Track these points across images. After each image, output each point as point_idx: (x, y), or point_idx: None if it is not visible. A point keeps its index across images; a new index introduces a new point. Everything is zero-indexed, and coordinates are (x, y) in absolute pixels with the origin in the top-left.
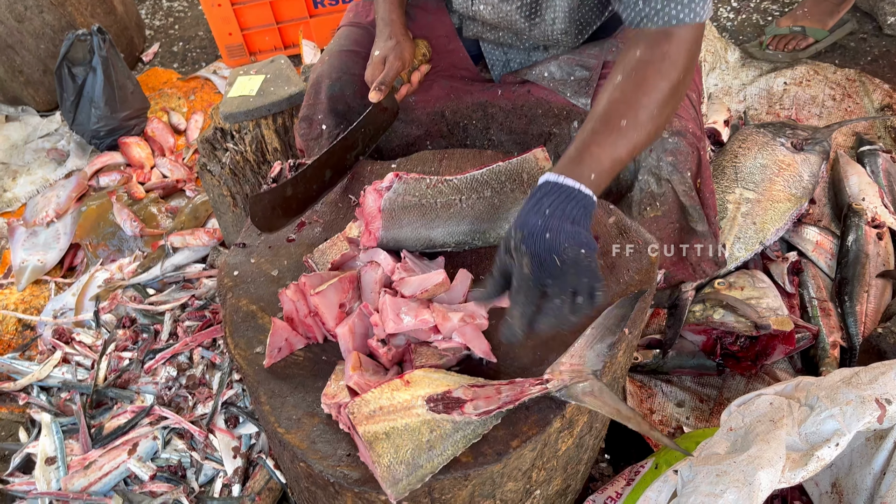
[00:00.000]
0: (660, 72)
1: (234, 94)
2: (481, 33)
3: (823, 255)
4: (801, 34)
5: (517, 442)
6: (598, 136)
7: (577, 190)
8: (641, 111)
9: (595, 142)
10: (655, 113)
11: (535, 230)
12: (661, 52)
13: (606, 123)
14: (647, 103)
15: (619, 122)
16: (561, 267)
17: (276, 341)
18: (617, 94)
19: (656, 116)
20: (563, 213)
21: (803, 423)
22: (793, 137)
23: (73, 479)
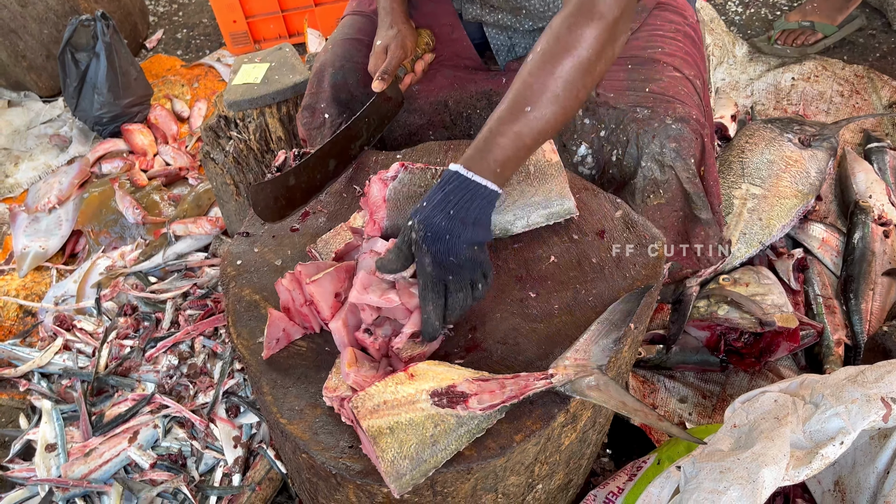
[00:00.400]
0: (567, 49)
1: (238, 82)
2: (481, 16)
3: (829, 253)
4: (810, 29)
5: (521, 436)
6: (504, 125)
7: (482, 187)
8: (546, 94)
9: (500, 132)
10: (562, 95)
11: (437, 232)
12: (573, 25)
13: (512, 110)
14: (553, 86)
15: (524, 108)
16: (459, 265)
17: (274, 332)
18: (525, 74)
19: (563, 99)
20: (466, 213)
21: (808, 420)
22: (800, 133)
23: (73, 467)
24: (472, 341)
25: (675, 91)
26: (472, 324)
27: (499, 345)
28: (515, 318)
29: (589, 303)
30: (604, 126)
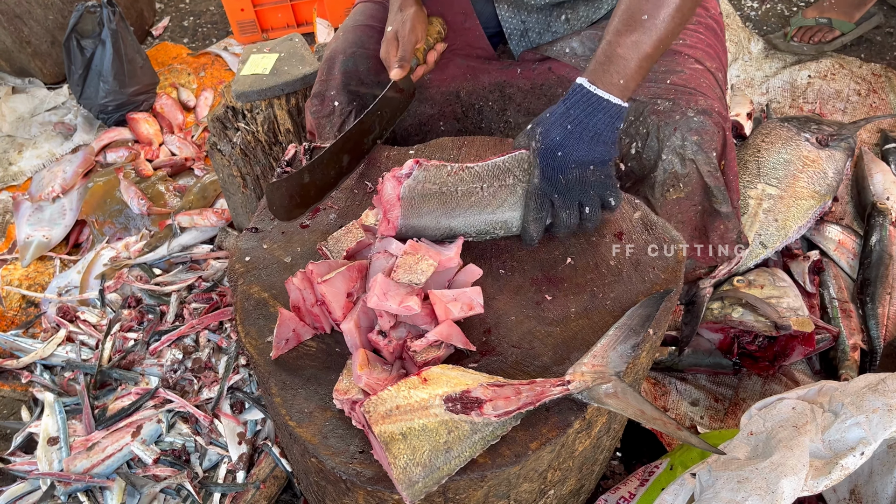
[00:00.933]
0: None
1: (246, 73)
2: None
3: (845, 255)
4: (828, 26)
5: (536, 444)
6: (623, 36)
7: (605, 100)
8: (663, 6)
9: (620, 43)
10: (679, 4)
11: (551, 146)
12: None
13: (629, 22)
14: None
15: (641, 17)
16: (566, 184)
17: (283, 332)
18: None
19: (681, 5)
20: (586, 128)
21: (827, 429)
22: (818, 133)
23: (75, 461)
24: (487, 345)
25: (697, 83)
26: (486, 326)
27: (513, 349)
28: (531, 321)
29: (606, 306)
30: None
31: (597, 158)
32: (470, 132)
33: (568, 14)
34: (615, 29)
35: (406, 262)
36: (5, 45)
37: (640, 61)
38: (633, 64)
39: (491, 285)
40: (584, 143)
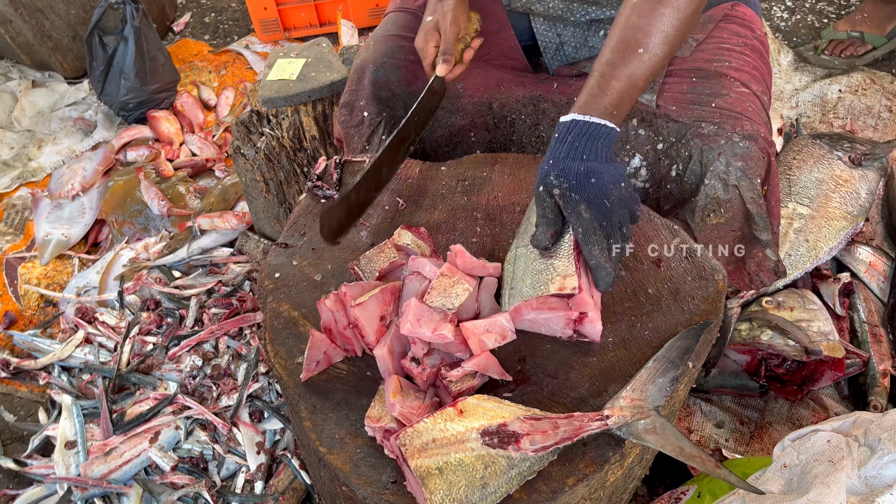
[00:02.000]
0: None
1: (273, 78)
2: (529, 4)
3: (876, 278)
4: (860, 40)
5: (573, 480)
6: (617, 68)
7: (602, 125)
8: (656, 35)
9: (614, 75)
10: (672, 35)
11: (580, 177)
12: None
13: (623, 52)
14: (663, 26)
15: (637, 50)
16: (610, 207)
17: (315, 354)
18: (634, 17)
19: (673, 38)
20: (598, 154)
21: (864, 465)
22: (850, 151)
23: (92, 466)
24: (521, 374)
25: (743, 108)
26: (520, 354)
27: (549, 378)
28: (566, 350)
29: (644, 337)
30: (662, 139)
31: (621, 175)
32: (501, 144)
33: (606, 29)
34: (609, 60)
35: (441, 284)
36: (26, 38)
37: (631, 92)
38: (625, 95)
39: None
40: (606, 166)
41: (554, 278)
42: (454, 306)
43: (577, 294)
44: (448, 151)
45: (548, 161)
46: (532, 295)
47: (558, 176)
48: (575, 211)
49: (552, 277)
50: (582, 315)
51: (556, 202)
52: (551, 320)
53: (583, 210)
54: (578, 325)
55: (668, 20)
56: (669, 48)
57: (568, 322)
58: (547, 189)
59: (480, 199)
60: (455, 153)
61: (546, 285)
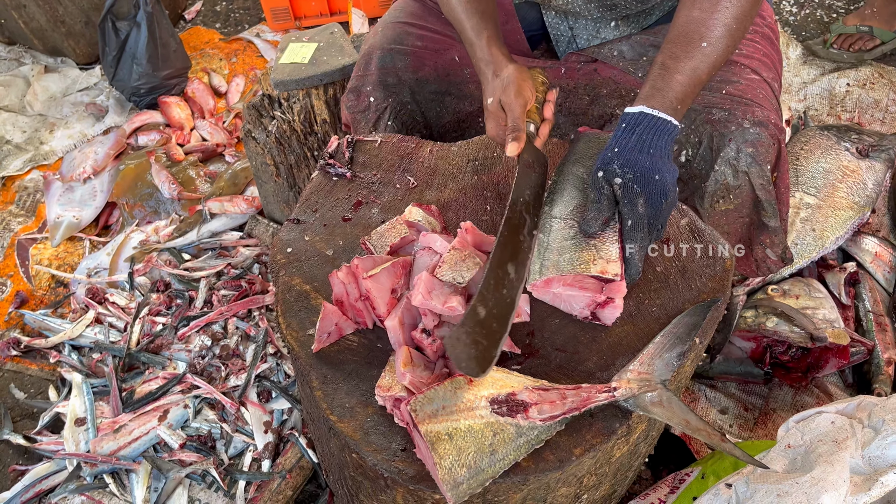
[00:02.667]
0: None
1: (285, 61)
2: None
3: (881, 268)
4: (868, 34)
5: (580, 450)
6: (681, 62)
7: (668, 122)
8: (719, 28)
9: (677, 69)
10: (734, 27)
11: (645, 172)
12: None
13: (686, 46)
14: (725, 19)
15: (700, 44)
16: (664, 207)
17: (326, 326)
18: (695, 11)
19: (735, 31)
20: (663, 151)
21: (867, 445)
22: (858, 143)
23: (102, 442)
24: (530, 347)
25: (754, 94)
26: (529, 328)
27: (557, 352)
28: (574, 325)
29: (652, 313)
30: None
31: (677, 176)
32: None
33: (618, 21)
34: (672, 53)
35: (452, 257)
36: (39, 23)
37: (695, 87)
38: (688, 89)
39: None
40: (668, 165)
41: (596, 260)
42: (464, 280)
43: (616, 281)
44: (456, 137)
45: (612, 149)
46: (570, 271)
47: (623, 166)
48: (632, 203)
49: (594, 258)
50: (608, 300)
51: (613, 191)
52: (575, 298)
53: (640, 204)
54: (600, 308)
55: (730, 12)
56: (732, 41)
57: (591, 304)
58: (607, 177)
59: (491, 178)
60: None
61: (587, 265)
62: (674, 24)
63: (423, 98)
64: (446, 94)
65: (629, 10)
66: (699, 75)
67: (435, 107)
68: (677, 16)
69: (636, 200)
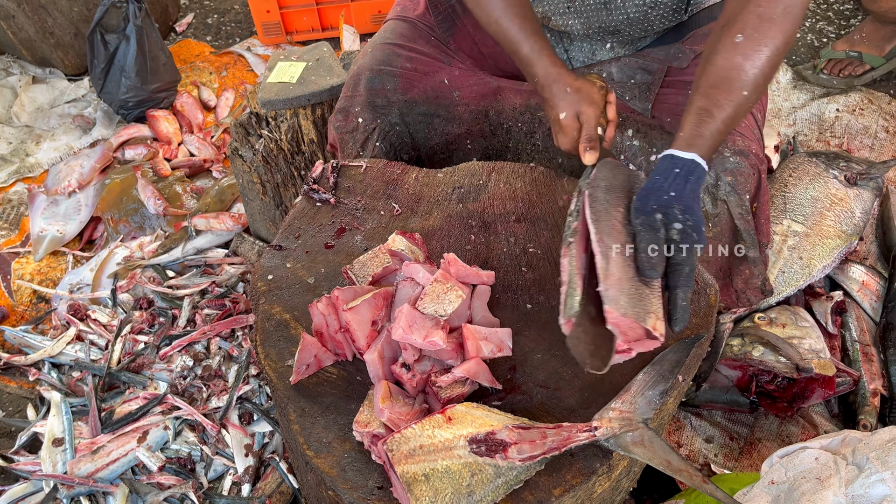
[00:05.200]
0: (780, 28)
1: (273, 80)
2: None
3: (868, 297)
4: (858, 60)
5: (559, 490)
6: (723, 110)
7: (704, 171)
8: (759, 77)
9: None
10: (770, 75)
11: (698, 220)
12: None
13: (729, 93)
14: (766, 67)
15: (742, 92)
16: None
17: (305, 357)
18: (738, 57)
19: (769, 77)
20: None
21: (851, 483)
22: (846, 170)
23: (79, 463)
24: (511, 382)
25: None
26: (511, 363)
27: (539, 388)
28: (557, 360)
29: None
30: (656, 150)
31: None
32: (497, 151)
33: (613, 42)
34: (716, 101)
35: (434, 290)
36: (28, 34)
37: (725, 135)
38: (722, 137)
39: (517, 320)
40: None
41: (649, 314)
42: (446, 313)
43: (655, 340)
44: (444, 159)
45: (667, 192)
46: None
47: (684, 212)
48: (690, 251)
49: (647, 312)
50: (629, 350)
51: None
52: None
53: (695, 253)
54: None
55: (770, 62)
56: (765, 87)
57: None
58: (667, 220)
59: (476, 206)
60: (451, 161)
61: (643, 316)
62: (715, 66)
63: (412, 119)
64: (435, 115)
65: (631, 37)
66: (733, 125)
67: (423, 129)
68: (716, 58)
69: (694, 248)
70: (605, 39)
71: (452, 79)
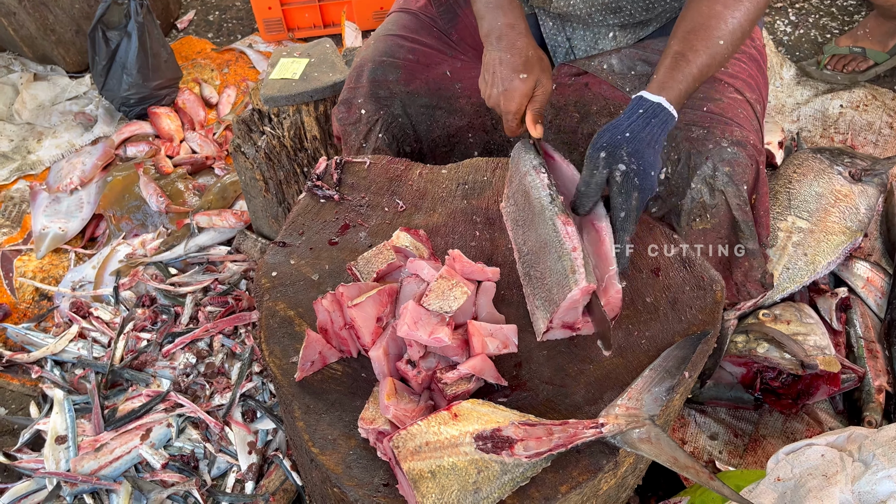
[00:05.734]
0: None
1: (276, 77)
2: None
3: (873, 293)
4: (861, 55)
5: (566, 487)
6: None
7: (672, 117)
8: (737, 27)
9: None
10: (746, 29)
11: (647, 167)
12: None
13: (706, 39)
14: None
15: (717, 41)
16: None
17: (310, 354)
18: (718, 6)
19: (746, 33)
20: (660, 144)
21: (857, 480)
22: (851, 167)
23: (82, 461)
24: (517, 379)
25: (734, 113)
26: (516, 360)
27: (545, 385)
28: (563, 356)
29: (641, 346)
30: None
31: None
32: (498, 145)
33: (616, 31)
34: (691, 45)
35: (440, 286)
36: (29, 31)
37: (700, 83)
38: (696, 85)
39: (523, 317)
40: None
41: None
42: (452, 309)
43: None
44: (446, 152)
45: (622, 132)
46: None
47: (631, 154)
48: (628, 194)
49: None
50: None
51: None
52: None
53: (634, 197)
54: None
55: (748, 15)
56: (740, 43)
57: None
58: (610, 160)
59: (480, 203)
60: (453, 154)
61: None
62: (694, 12)
63: (414, 111)
64: (437, 108)
65: (633, 17)
66: (707, 73)
67: (426, 120)
68: (698, 5)
69: (632, 193)
70: (607, 23)
71: (454, 71)
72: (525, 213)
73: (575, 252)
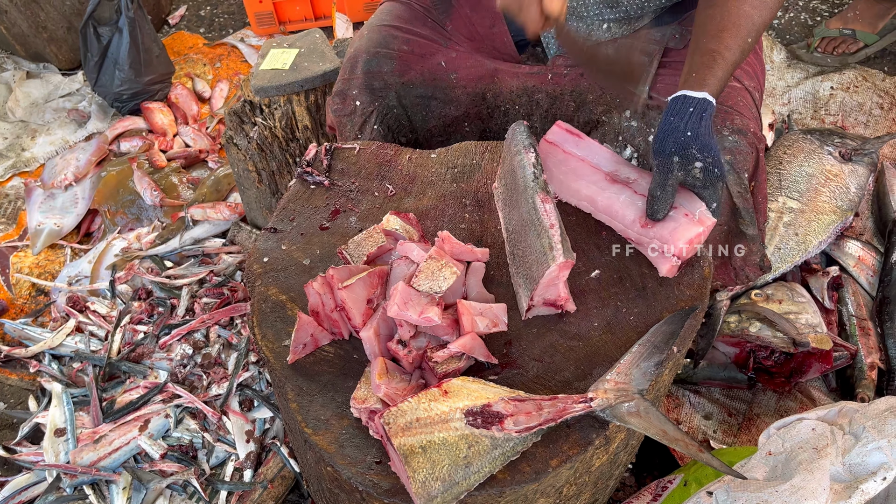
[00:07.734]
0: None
1: (266, 67)
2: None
3: (865, 272)
4: (851, 37)
5: (556, 461)
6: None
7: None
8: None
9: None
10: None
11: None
12: None
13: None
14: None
15: (747, 39)
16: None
17: (301, 337)
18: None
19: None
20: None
21: (848, 452)
22: (841, 146)
23: (81, 453)
24: (507, 357)
25: (734, 101)
26: (506, 338)
27: (535, 362)
28: (552, 334)
29: (630, 322)
30: (653, 130)
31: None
32: (495, 134)
33: (611, 24)
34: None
35: (429, 267)
36: (21, 29)
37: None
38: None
39: (512, 296)
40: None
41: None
42: (441, 290)
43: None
44: (442, 141)
45: (684, 132)
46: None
47: (702, 150)
48: (714, 186)
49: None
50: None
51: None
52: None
53: (719, 187)
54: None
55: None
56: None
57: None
58: (684, 161)
59: (469, 186)
60: (449, 143)
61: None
62: (724, 11)
63: (410, 102)
64: (432, 98)
65: (628, 12)
66: (736, 67)
67: (421, 111)
68: (727, 5)
69: (717, 183)
70: (602, 17)
71: (449, 61)
72: (512, 193)
73: (553, 229)
